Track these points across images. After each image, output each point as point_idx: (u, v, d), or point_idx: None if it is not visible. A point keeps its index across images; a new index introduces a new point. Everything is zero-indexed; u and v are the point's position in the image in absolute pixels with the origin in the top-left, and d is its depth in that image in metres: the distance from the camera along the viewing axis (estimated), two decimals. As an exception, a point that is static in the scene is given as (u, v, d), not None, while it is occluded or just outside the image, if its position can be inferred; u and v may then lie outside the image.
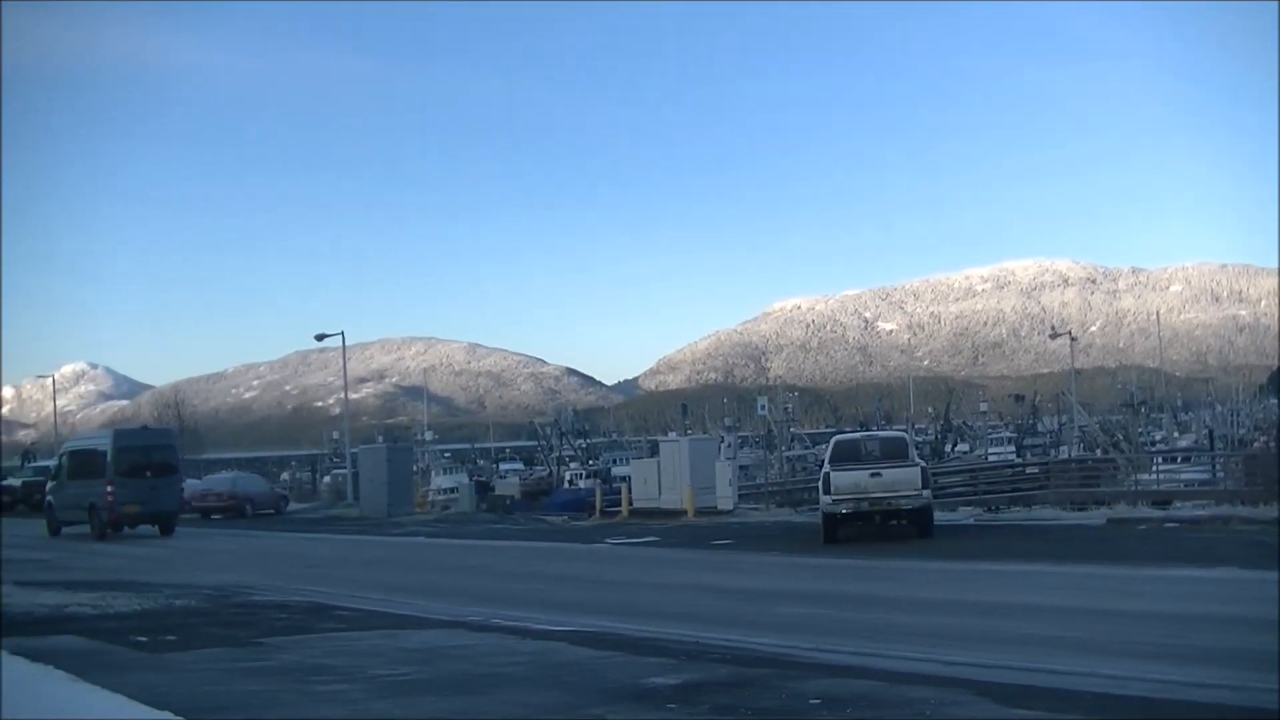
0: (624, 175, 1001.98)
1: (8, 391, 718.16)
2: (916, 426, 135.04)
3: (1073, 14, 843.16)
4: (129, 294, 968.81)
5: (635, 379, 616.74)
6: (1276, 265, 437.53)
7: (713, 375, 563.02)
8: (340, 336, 78.38)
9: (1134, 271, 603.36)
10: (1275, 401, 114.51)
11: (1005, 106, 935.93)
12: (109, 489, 47.69)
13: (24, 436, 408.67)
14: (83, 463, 50.91)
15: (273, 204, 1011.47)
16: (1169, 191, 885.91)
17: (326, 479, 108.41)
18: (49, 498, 52.75)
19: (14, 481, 79.59)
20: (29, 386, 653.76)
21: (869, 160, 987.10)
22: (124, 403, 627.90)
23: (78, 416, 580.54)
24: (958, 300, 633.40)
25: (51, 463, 62.10)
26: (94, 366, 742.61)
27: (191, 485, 70.09)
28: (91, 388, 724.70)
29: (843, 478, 33.81)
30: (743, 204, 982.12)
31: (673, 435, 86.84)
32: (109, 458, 48.72)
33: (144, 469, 49.01)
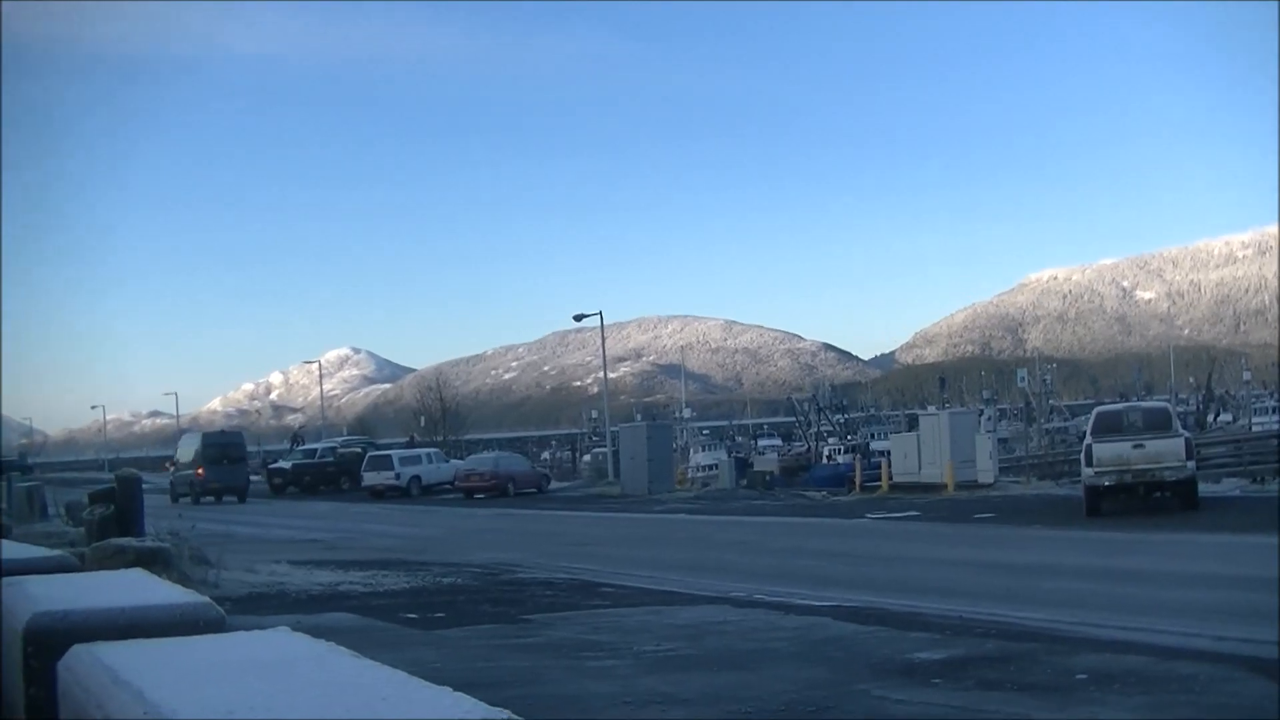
0: (878, 151, 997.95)
1: (277, 377, 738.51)
2: (1178, 397, 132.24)
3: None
4: (392, 280, 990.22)
5: (892, 353, 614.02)
6: None
7: (969, 348, 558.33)
8: (598, 316, 78.98)
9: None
10: None
11: (1257, 63, 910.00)
12: (199, 471, 66.18)
13: (292, 420, 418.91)
14: (187, 455, 69.95)
15: (531, 187, 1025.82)
16: None
17: (587, 457, 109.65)
18: (170, 478, 71.67)
19: (284, 464, 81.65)
20: (296, 372, 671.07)
21: (1124, 127, 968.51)
22: (386, 386, 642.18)
23: (342, 400, 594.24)
24: (1218, 267, 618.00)
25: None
26: (357, 351, 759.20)
27: (455, 466, 71.38)
28: (355, 372, 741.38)
29: (1105, 449, 33.22)
30: (997, 175, 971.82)
31: (931, 409, 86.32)
32: (199, 452, 67.65)
33: (222, 459, 67.53)
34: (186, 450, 70.50)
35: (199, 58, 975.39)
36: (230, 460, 68.44)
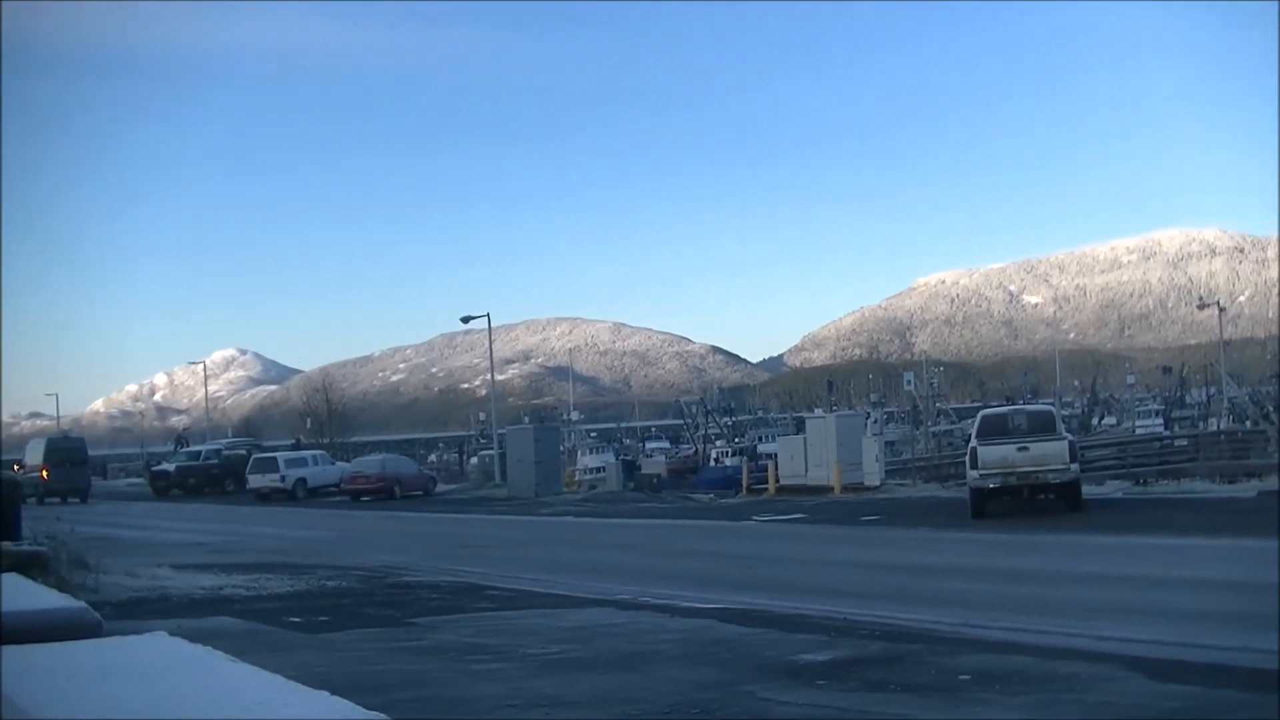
0: (767, 153, 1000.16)
1: (161, 378, 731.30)
2: (1063, 400, 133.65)
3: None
4: (276, 280, 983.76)
5: (780, 356, 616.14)
6: None
7: (858, 351, 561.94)
8: (486, 318, 78.81)
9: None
10: None
11: (1148, 72, 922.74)
12: (44, 474, 69.06)
13: (177, 422, 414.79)
14: (34, 459, 73.36)
15: (417, 187, 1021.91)
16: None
17: (474, 460, 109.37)
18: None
19: (168, 466, 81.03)
20: (181, 373, 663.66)
21: (1012, 132, 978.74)
22: (273, 387, 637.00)
23: (228, 402, 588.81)
24: (1104, 272, 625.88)
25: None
26: (244, 352, 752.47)
27: (342, 468, 71.00)
28: (242, 373, 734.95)
29: (990, 452, 33.53)
30: (886, 179, 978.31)
31: (819, 412, 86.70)
32: (43, 456, 71.68)
33: (65, 462, 71.60)
34: (34, 454, 74.42)
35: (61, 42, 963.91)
36: (72, 463, 72.62)
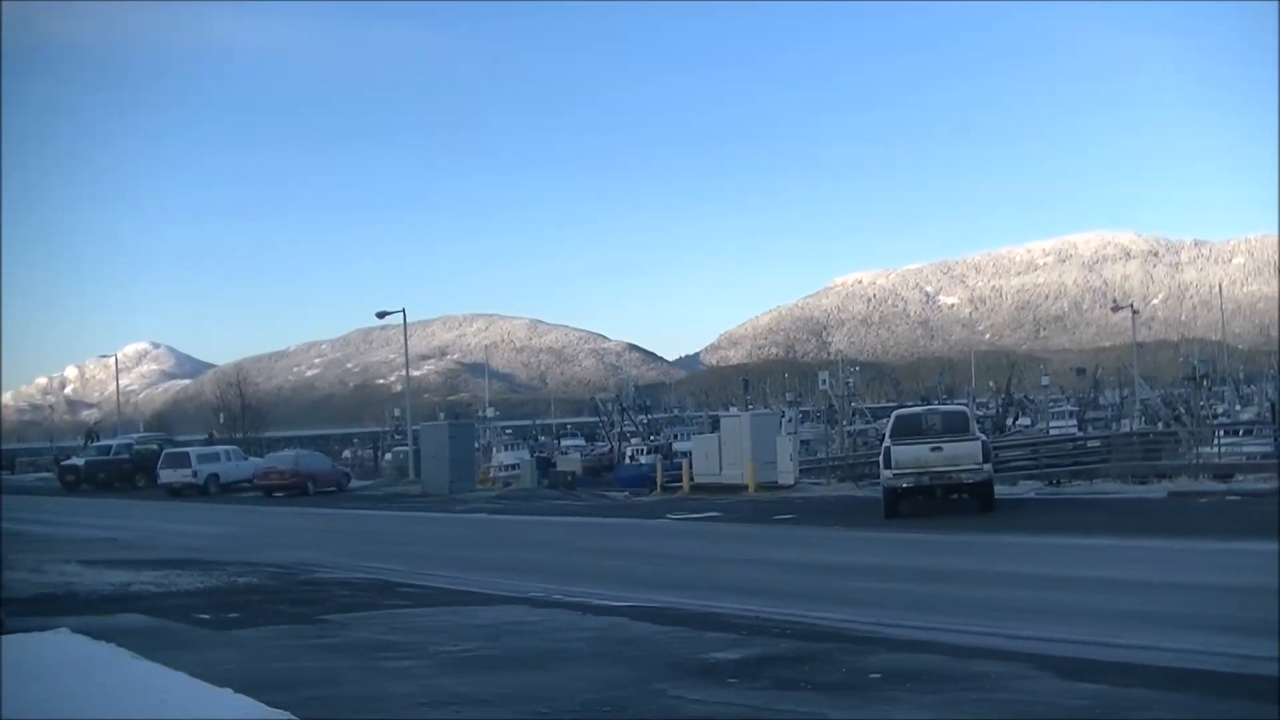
0: (685, 149, 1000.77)
1: (72, 371, 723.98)
2: (978, 401, 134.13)
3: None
4: (191, 273, 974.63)
5: (697, 354, 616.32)
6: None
7: (774, 350, 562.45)
8: (402, 314, 78.35)
9: (1196, 244, 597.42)
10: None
11: (1067, 76, 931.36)
12: None
13: (87, 416, 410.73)
14: None
15: (334, 181, 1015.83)
16: (1232, 162, 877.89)
17: (389, 456, 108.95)
18: None
19: (78, 460, 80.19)
20: (92, 366, 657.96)
21: (929, 133, 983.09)
22: (186, 382, 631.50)
23: (140, 396, 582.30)
24: (1019, 274, 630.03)
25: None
26: (157, 346, 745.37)
27: (255, 463, 70.57)
28: (154, 367, 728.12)
29: (903, 452, 33.64)
30: (804, 178, 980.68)
31: (734, 410, 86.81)
32: None
33: None
34: None
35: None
36: None
